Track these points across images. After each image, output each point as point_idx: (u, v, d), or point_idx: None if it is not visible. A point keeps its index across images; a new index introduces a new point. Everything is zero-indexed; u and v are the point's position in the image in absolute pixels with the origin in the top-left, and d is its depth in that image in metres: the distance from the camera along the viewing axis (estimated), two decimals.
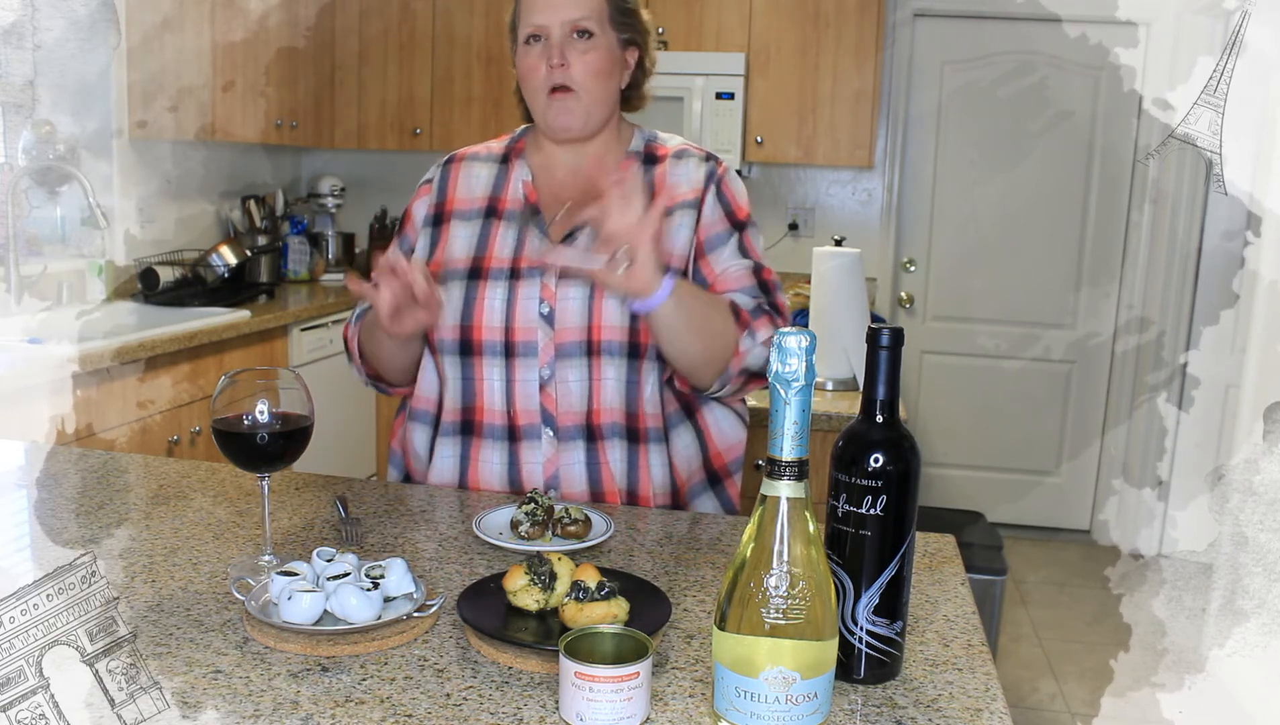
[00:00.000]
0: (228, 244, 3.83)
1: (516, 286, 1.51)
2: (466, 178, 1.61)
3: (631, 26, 1.56)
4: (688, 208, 1.54)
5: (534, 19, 1.50)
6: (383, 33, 4.40)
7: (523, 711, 0.91)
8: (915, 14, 4.42)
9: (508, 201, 1.58)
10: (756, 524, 0.84)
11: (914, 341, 4.49)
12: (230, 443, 1.18)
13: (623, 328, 1.48)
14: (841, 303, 2.57)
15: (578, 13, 1.49)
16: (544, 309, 1.50)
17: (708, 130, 4.10)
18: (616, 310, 1.48)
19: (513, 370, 1.50)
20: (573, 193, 1.56)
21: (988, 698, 0.97)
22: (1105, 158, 4.42)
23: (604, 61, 1.52)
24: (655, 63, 1.62)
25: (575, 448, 1.50)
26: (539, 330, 1.49)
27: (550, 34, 1.49)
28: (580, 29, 1.49)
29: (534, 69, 1.51)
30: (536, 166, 1.60)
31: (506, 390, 1.50)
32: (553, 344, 1.49)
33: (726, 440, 1.61)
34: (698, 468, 1.59)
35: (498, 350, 1.50)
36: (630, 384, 1.50)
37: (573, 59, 1.49)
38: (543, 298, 1.50)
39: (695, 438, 1.58)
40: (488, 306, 1.50)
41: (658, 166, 1.58)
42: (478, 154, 1.65)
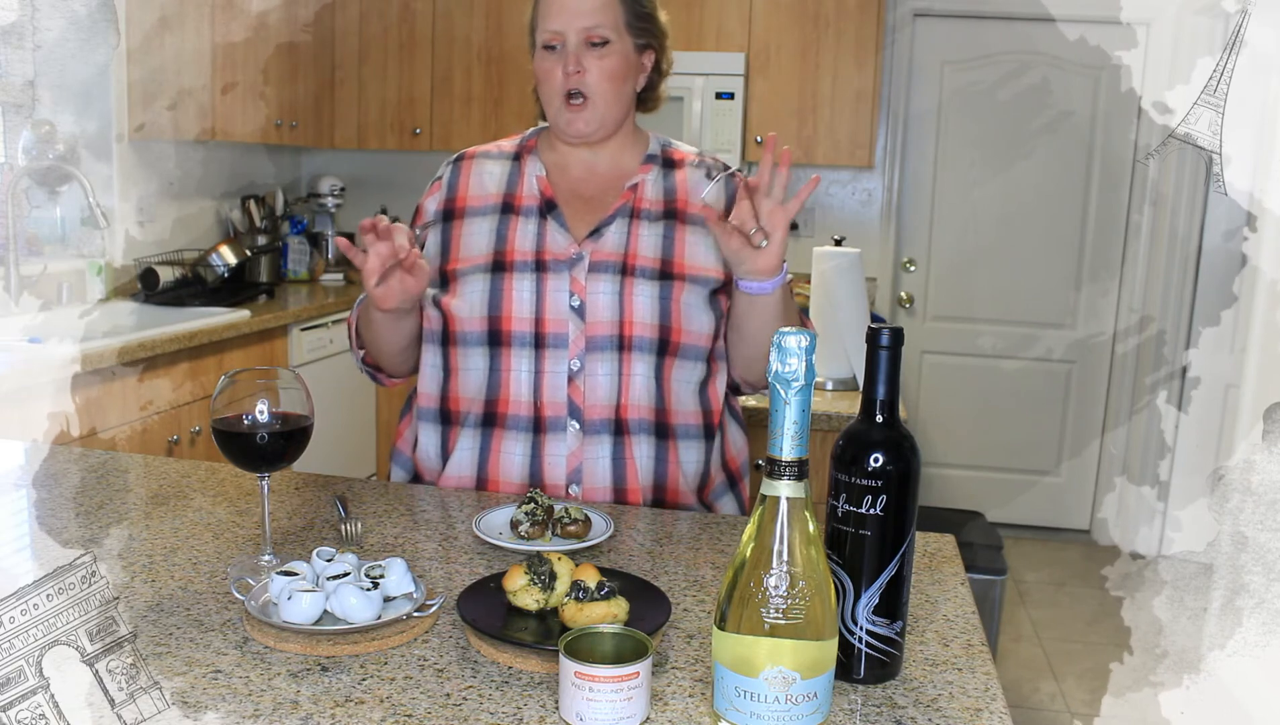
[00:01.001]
0: (228, 244, 3.83)
1: (544, 278, 1.51)
2: (478, 175, 1.61)
3: (648, 31, 1.57)
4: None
5: (550, 25, 1.51)
6: (383, 32, 4.40)
7: (523, 711, 0.91)
8: (915, 14, 4.42)
9: (523, 197, 1.58)
10: (756, 524, 0.84)
11: (914, 341, 4.49)
12: (230, 443, 1.18)
13: (654, 325, 1.49)
14: (841, 303, 2.57)
15: (593, 20, 1.50)
16: (574, 302, 1.50)
17: (708, 130, 4.10)
18: (648, 306, 1.49)
19: (542, 361, 1.50)
20: (589, 191, 1.57)
21: (988, 698, 0.97)
22: (1105, 158, 4.42)
23: (619, 68, 1.53)
24: (672, 64, 1.63)
25: (601, 442, 1.50)
26: (570, 322, 1.50)
27: (566, 41, 1.51)
28: (596, 37, 1.50)
29: (550, 74, 1.53)
30: (550, 164, 1.60)
31: (535, 381, 1.50)
32: (584, 336, 1.50)
33: (736, 444, 1.64)
34: (719, 467, 1.61)
35: (527, 341, 1.50)
36: (659, 381, 1.51)
37: (588, 66, 1.51)
38: (572, 291, 1.51)
39: (719, 439, 1.60)
40: (516, 297, 1.51)
41: (677, 171, 1.60)
42: (489, 152, 1.65)
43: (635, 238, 1.53)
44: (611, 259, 1.52)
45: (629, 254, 1.52)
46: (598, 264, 1.51)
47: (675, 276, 1.52)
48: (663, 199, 1.57)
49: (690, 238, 1.55)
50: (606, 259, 1.52)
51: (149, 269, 3.50)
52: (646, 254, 1.52)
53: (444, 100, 4.40)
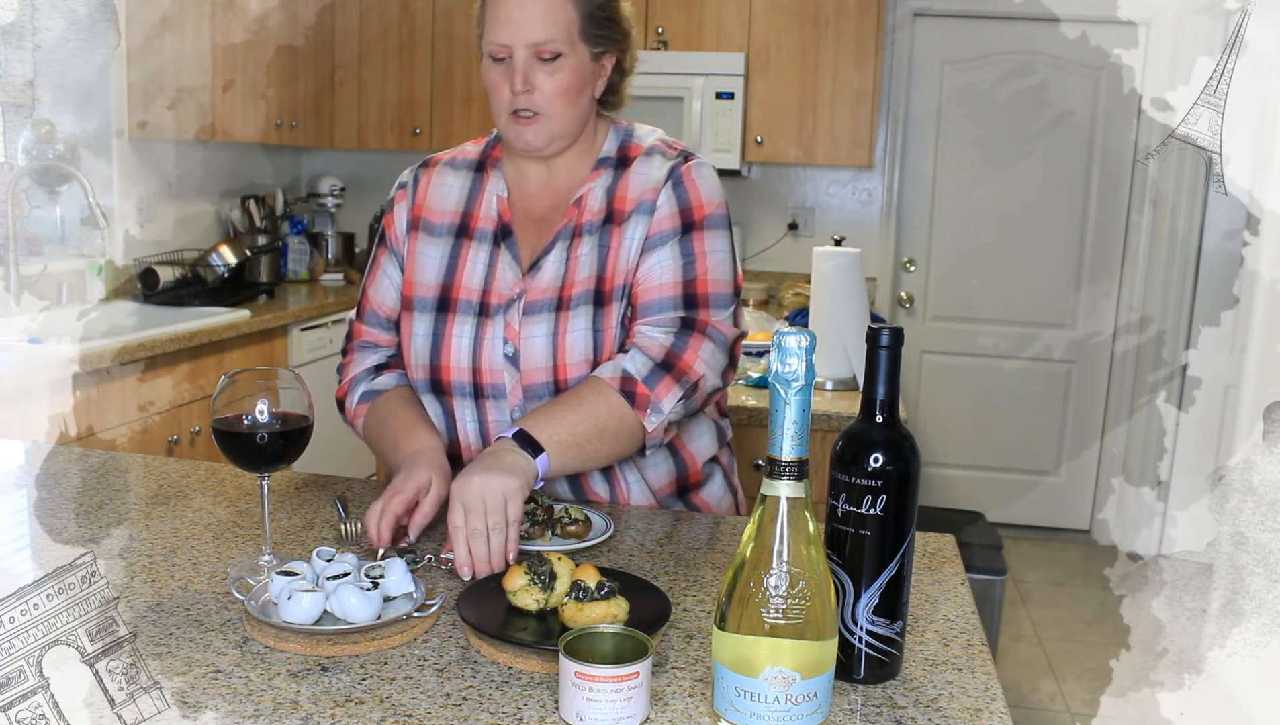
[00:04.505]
0: (228, 244, 3.83)
1: (484, 326, 1.46)
2: (439, 187, 1.55)
3: (607, 36, 1.45)
4: (642, 214, 1.45)
5: (497, 37, 1.40)
6: (383, 33, 4.40)
7: (523, 711, 0.91)
8: (915, 14, 4.42)
9: (480, 219, 1.51)
10: (756, 524, 0.84)
11: (914, 341, 4.49)
12: (230, 443, 1.18)
13: (587, 361, 1.43)
14: (841, 303, 2.57)
15: (544, 34, 1.38)
16: (509, 350, 1.45)
17: (708, 130, 4.10)
18: (580, 346, 1.43)
19: (484, 411, 1.47)
20: (540, 209, 1.51)
21: (988, 698, 0.97)
22: (1105, 158, 4.42)
23: (573, 81, 1.42)
24: (637, 60, 1.53)
25: (558, 482, 1.49)
26: (505, 372, 1.45)
27: (514, 55, 1.39)
28: (546, 53, 1.39)
29: (497, 87, 1.43)
30: (511, 179, 1.53)
31: (480, 431, 1.48)
32: (520, 386, 1.45)
33: (702, 453, 1.56)
34: (669, 482, 1.54)
35: (467, 391, 1.47)
36: None
37: (538, 82, 1.40)
38: (507, 338, 1.45)
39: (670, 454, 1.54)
40: (454, 346, 1.46)
41: (625, 171, 1.49)
42: (453, 160, 1.58)
43: (574, 261, 1.46)
44: (547, 296, 1.45)
45: (565, 285, 1.45)
46: (533, 304, 1.44)
47: (607, 300, 1.44)
48: (605, 205, 1.48)
49: (624, 238, 1.45)
50: (542, 296, 1.45)
51: (149, 269, 3.50)
52: (581, 275, 1.44)
53: (444, 100, 4.40)
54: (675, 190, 1.45)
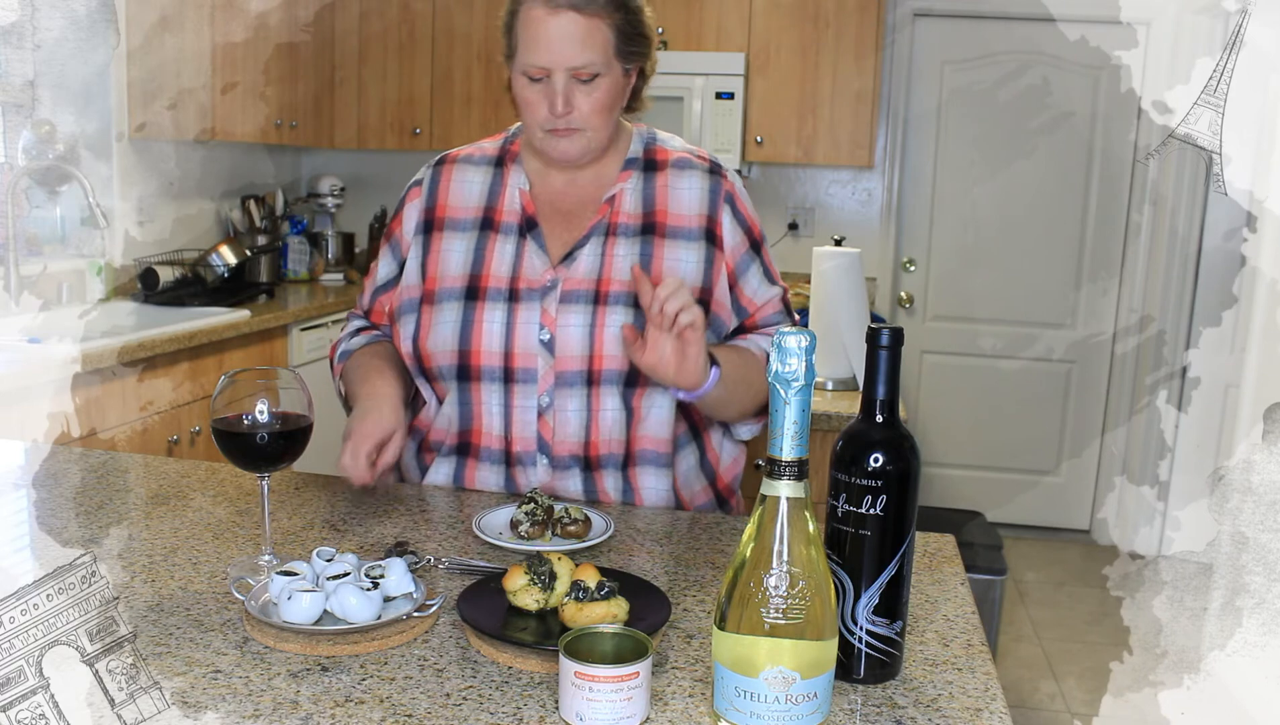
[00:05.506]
0: (227, 244, 3.83)
1: (516, 310, 1.47)
2: (460, 183, 1.56)
3: (638, 51, 1.48)
4: (694, 239, 1.50)
5: (535, 60, 1.41)
6: (383, 32, 4.40)
7: (523, 711, 0.91)
8: (915, 14, 4.42)
9: (504, 213, 1.53)
10: (756, 524, 0.84)
11: (914, 341, 4.49)
12: (230, 443, 1.18)
13: (624, 357, 1.44)
14: (841, 303, 2.57)
15: (583, 59, 1.40)
16: (544, 336, 1.46)
17: (708, 130, 4.10)
18: (617, 338, 1.44)
19: (511, 396, 1.47)
20: (568, 204, 1.53)
21: (987, 698, 0.97)
22: (1105, 158, 4.42)
23: (609, 97, 1.45)
24: (656, 64, 1.56)
25: (570, 476, 1.49)
26: (539, 357, 1.46)
27: (553, 76, 1.42)
28: (585, 75, 1.41)
29: (533, 105, 1.44)
30: (533, 172, 1.55)
31: (505, 416, 1.47)
32: (553, 372, 1.45)
33: (727, 459, 1.61)
34: (702, 488, 1.58)
35: (496, 376, 1.47)
36: (629, 411, 1.47)
37: (578, 102, 1.43)
38: (543, 323, 1.46)
39: (699, 458, 1.57)
40: (486, 330, 1.46)
41: (659, 175, 1.53)
42: (471, 156, 1.59)
43: (610, 259, 1.48)
44: (584, 287, 1.46)
45: (602, 280, 1.47)
46: (570, 293, 1.46)
47: None
48: (641, 211, 1.51)
49: (669, 254, 1.49)
50: (578, 287, 1.46)
51: (149, 269, 3.50)
52: (621, 277, 1.47)
53: (444, 100, 4.40)
54: (735, 217, 1.54)
